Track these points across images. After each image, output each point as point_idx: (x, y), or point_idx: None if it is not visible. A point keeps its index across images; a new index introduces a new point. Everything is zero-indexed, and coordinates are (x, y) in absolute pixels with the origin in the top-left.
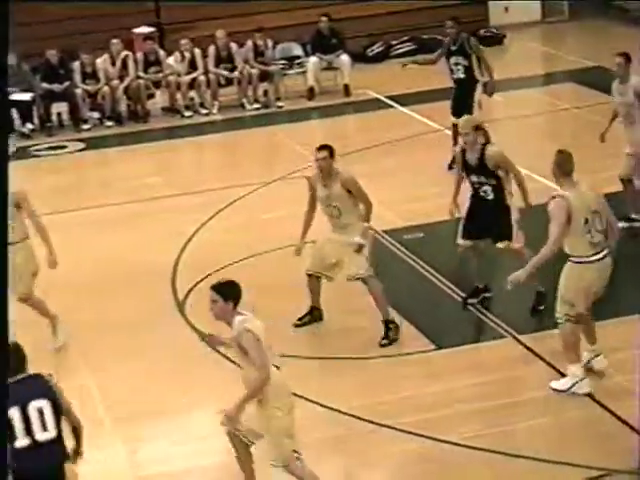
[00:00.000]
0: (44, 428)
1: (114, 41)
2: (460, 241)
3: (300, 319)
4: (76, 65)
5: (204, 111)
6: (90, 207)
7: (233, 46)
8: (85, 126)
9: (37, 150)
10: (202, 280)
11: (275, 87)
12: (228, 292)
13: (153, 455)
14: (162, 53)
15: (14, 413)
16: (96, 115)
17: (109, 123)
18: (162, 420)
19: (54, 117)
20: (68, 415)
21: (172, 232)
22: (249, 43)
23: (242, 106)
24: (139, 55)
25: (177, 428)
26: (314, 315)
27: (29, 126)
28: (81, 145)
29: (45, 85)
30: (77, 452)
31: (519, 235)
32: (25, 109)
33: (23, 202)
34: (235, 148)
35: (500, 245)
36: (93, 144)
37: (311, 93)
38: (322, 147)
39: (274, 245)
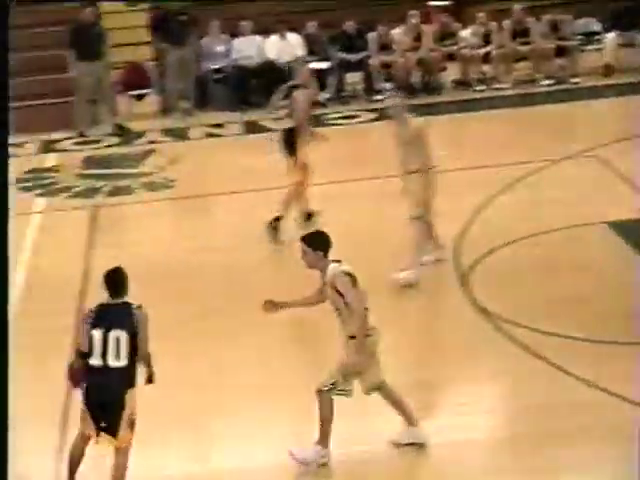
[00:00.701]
0: (117, 356)
1: (412, 12)
2: None
3: None
4: (372, 36)
5: (497, 85)
6: (371, 178)
7: (529, 20)
8: (378, 97)
9: (330, 119)
10: (487, 254)
11: (572, 63)
12: (316, 242)
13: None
14: (457, 26)
15: (96, 334)
16: (389, 86)
17: (401, 94)
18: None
19: (348, 87)
20: (141, 348)
21: (458, 205)
22: (546, 17)
23: (536, 81)
24: (434, 27)
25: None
26: None
27: (325, 95)
28: (372, 115)
29: (341, 55)
30: (149, 379)
31: None
32: (322, 78)
33: (421, 135)
34: (527, 124)
35: None
36: (385, 115)
37: (608, 70)
38: None
39: (562, 224)
